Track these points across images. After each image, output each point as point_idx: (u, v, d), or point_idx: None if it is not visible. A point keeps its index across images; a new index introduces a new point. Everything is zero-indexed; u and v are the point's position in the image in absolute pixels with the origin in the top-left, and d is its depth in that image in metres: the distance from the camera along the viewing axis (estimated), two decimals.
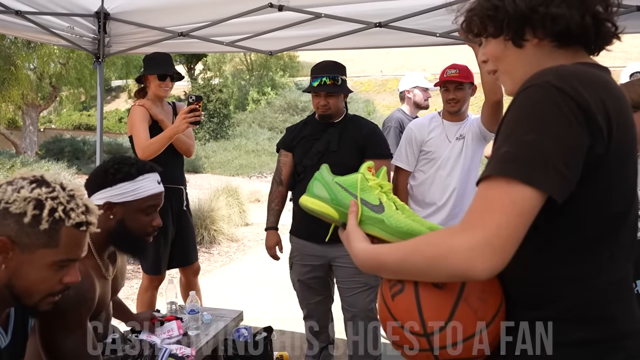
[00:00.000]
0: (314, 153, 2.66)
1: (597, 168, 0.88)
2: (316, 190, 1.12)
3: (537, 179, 0.83)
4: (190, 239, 3.19)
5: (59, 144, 16.38)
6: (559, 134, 0.84)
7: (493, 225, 0.82)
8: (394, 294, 0.97)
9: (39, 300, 1.20)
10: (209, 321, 2.55)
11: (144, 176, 1.71)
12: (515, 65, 1.00)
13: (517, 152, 0.85)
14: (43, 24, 3.10)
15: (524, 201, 0.83)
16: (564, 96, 0.85)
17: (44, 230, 1.14)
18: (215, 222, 6.63)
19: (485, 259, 0.81)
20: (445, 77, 2.66)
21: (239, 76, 26.21)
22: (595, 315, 0.92)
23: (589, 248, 0.92)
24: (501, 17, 0.97)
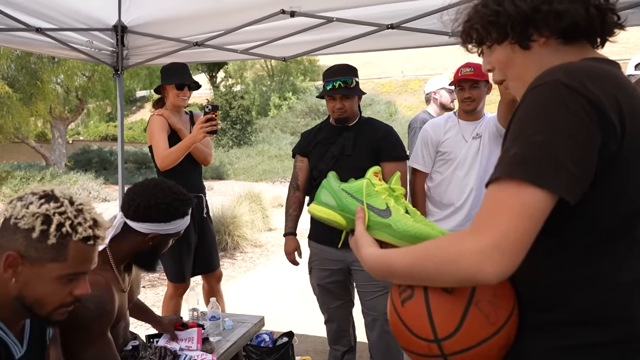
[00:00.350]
0: (329, 157, 2.66)
1: (611, 165, 0.86)
2: (323, 197, 1.13)
3: (547, 181, 0.81)
4: (211, 245, 3.23)
5: (86, 155, 16.80)
6: (568, 133, 0.82)
7: (502, 228, 0.80)
8: (404, 300, 0.96)
9: (51, 311, 1.23)
10: (231, 327, 2.57)
11: (183, 219, 1.81)
12: (524, 69, 0.99)
13: (526, 153, 0.83)
14: (63, 39, 3.18)
15: (534, 203, 0.81)
16: (573, 93, 0.83)
17: (52, 245, 1.17)
18: (238, 228, 6.69)
19: (494, 262, 0.80)
20: (460, 76, 2.63)
21: (260, 82, 26.41)
22: (613, 316, 0.89)
23: (603, 247, 0.89)
24: (504, 21, 0.95)
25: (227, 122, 20.28)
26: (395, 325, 0.99)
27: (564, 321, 0.90)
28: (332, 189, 1.12)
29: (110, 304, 1.61)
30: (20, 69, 12.75)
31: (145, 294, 4.89)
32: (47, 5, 2.96)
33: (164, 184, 1.81)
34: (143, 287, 5.04)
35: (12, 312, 1.22)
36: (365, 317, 2.74)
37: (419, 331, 0.93)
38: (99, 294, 1.56)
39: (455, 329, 0.90)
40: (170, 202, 1.76)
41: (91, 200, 1.28)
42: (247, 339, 2.61)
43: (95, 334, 1.55)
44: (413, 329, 0.94)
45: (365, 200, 1.07)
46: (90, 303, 1.52)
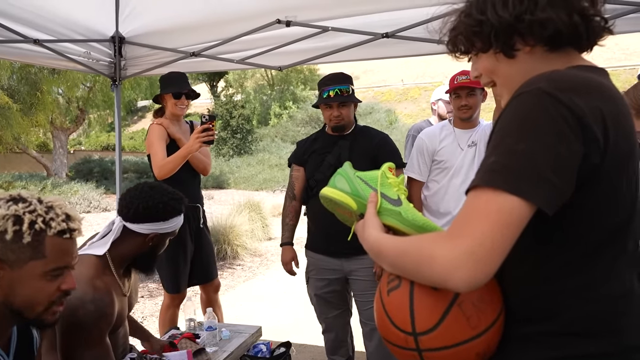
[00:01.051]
0: (325, 166, 2.66)
1: (593, 177, 0.85)
2: (338, 183, 1.17)
3: (525, 191, 0.79)
4: (209, 256, 3.22)
5: (87, 165, 16.83)
6: (549, 143, 0.80)
7: (477, 235, 0.79)
8: (390, 289, 0.97)
9: (43, 312, 1.22)
10: (228, 337, 2.56)
11: (179, 216, 1.87)
12: (510, 77, 0.98)
13: (505, 162, 0.82)
14: (61, 50, 3.20)
15: (511, 211, 0.79)
16: (556, 103, 0.82)
17: (27, 244, 1.17)
18: (238, 237, 6.67)
19: (466, 269, 0.78)
20: (457, 84, 2.63)
21: (261, 91, 26.51)
22: (600, 328, 0.88)
23: (589, 259, 0.88)
24: (487, 31, 0.95)
25: (228, 131, 20.33)
26: (378, 313, 1.00)
27: (552, 332, 0.89)
28: (348, 175, 1.16)
29: (110, 307, 1.62)
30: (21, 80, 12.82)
31: (144, 304, 4.87)
32: (45, 16, 2.98)
33: (158, 186, 1.88)
34: (142, 297, 5.02)
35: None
36: (363, 327, 2.73)
37: (398, 322, 0.94)
38: (99, 297, 1.57)
39: (434, 325, 0.90)
40: (167, 201, 1.82)
41: (62, 199, 1.28)
42: (244, 349, 2.60)
43: (94, 337, 1.56)
44: (394, 319, 0.95)
45: (379, 188, 1.10)
46: (90, 305, 1.53)
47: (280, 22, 2.89)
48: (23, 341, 1.32)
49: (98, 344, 1.57)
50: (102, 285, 1.64)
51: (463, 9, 1.00)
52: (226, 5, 2.90)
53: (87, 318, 1.53)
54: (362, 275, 2.61)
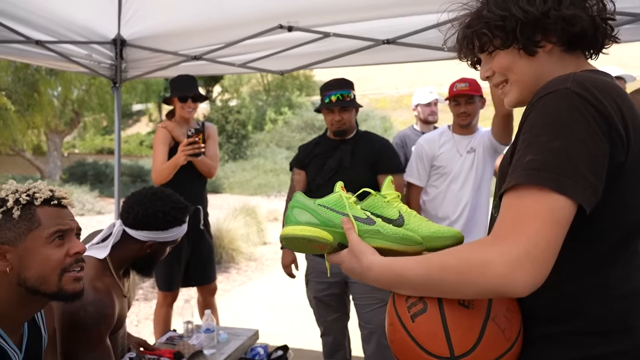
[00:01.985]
0: (327, 170, 2.68)
1: (617, 176, 0.86)
2: (298, 217, 1.02)
3: (569, 188, 0.79)
4: (208, 258, 3.23)
5: (82, 168, 16.73)
6: (585, 141, 0.81)
7: (532, 235, 0.77)
8: (415, 315, 0.90)
9: (58, 281, 1.24)
10: (225, 340, 2.56)
11: (186, 218, 1.84)
12: (526, 75, 0.97)
13: (544, 159, 0.81)
14: (62, 52, 3.21)
15: (560, 209, 0.79)
16: (585, 103, 0.83)
17: (19, 218, 1.22)
18: (233, 242, 6.67)
19: (525, 271, 0.76)
20: (456, 91, 2.66)
21: (256, 97, 26.53)
22: (615, 327, 0.89)
23: (608, 258, 0.89)
24: (511, 26, 0.93)
25: (223, 136, 20.31)
26: (402, 342, 0.92)
27: (573, 332, 0.89)
28: (308, 206, 1.03)
29: (110, 308, 1.62)
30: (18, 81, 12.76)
31: (139, 306, 4.85)
32: (47, 18, 2.99)
33: (161, 192, 1.84)
34: (137, 300, 5.00)
35: (17, 310, 1.23)
36: (362, 330, 2.74)
37: (433, 348, 0.88)
38: (99, 298, 1.58)
39: (473, 345, 0.86)
40: (169, 210, 1.78)
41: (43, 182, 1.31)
42: (242, 352, 2.60)
43: (94, 339, 1.56)
44: (426, 346, 0.88)
45: (349, 211, 1.01)
46: (90, 306, 1.53)
47: (282, 27, 2.91)
48: (33, 339, 1.32)
49: (98, 345, 1.57)
50: (103, 287, 1.64)
51: (481, 6, 0.98)
52: (228, 9, 2.92)
53: (87, 320, 1.53)
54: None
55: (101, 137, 25.41)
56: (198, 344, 2.45)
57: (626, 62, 21.62)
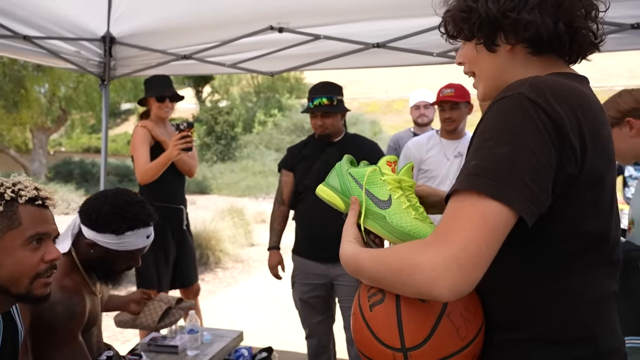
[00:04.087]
0: (314, 172, 2.69)
1: (571, 186, 0.84)
2: (331, 180, 1.09)
3: (506, 195, 0.78)
4: (190, 259, 3.21)
5: (67, 166, 16.55)
6: (532, 149, 0.79)
7: (461, 240, 0.76)
8: (373, 304, 0.92)
9: (29, 285, 1.22)
10: (209, 341, 2.54)
11: (133, 232, 1.64)
12: (487, 70, 0.97)
13: (487, 165, 0.80)
14: (50, 48, 3.17)
15: (494, 216, 0.77)
16: (537, 109, 0.81)
17: (1, 214, 1.18)
18: (220, 243, 6.64)
19: (450, 276, 0.75)
20: (441, 97, 2.68)
21: (246, 98, 26.47)
22: (576, 335, 0.89)
23: (565, 268, 0.88)
24: (474, 20, 0.93)
25: (212, 137, 20.23)
26: (359, 330, 0.94)
27: (533, 339, 0.89)
28: (341, 172, 1.08)
29: (79, 306, 1.59)
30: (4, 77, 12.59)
31: None
32: (36, 13, 2.96)
33: (126, 194, 1.71)
34: None
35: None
36: (347, 333, 2.74)
37: (385, 338, 0.89)
38: (67, 297, 1.55)
39: (424, 339, 0.87)
40: (108, 209, 1.63)
41: (28, 179, 1.28)
42: (226, 353, 2.58)
43: (65, 338, 1.53)
44: (379, 336, 0.90)
45: (366, 186, 1.01)
46: (58, 306, 1.50)
47: (273, 29, 2.92)
48: (9, 332, 1.30)
49: (70, 343, 1.54)
50: (71, 285, 1.60)
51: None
52: (219, 9, 2.91)
53: (56, 320, 1.50)
54: (347, 280, 2.63)
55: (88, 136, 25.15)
56: (181, 345, 2.43)
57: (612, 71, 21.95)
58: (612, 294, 0.94)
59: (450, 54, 2.77)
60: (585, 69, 1.00)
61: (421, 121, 3.56)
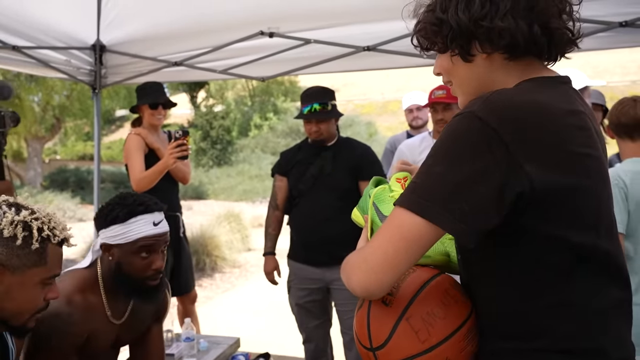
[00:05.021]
0: (308, 177, 2.68)
1: (532, 202, 0.83)
2: (360, 202, 1.18)
3: (433, 214, 0.82)
4: (187, 267, 3.19)
5: (63, 174, 16.50)
6: (466, 169, 0.81)
7: (373, 245, 0.86)
8: (357, 307, 1.00)
9: (27, 320, 1.24)
10: (205, 349, 2.53)
11: (135, 218, 1.61)
12: (466, 80, 0.96)
13: (421, 183, 0.85)
14: (40, 58, 3.16)
15: (410, 227, 0.83)
16: (484, 128, 0.81)
17: (35, 250, 1.19)
18: (217, 248, 6.62)
19: (358, 274, 0.86)
20: (433, 99, 2.68)
21: (242, 102, 26.47)
22: (582, 346, 0.87)
23: (561, 279, 0.87)
24: (446, 32, 0.91)
25: (208, 142, 20.21)
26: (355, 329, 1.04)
27: (541, 349, 0.88)
28: (365, 192, 1.16)
29: (74, 326, 1.53)
30: None
31: None
32: (25, 23, 2.95)
33: (131, 193, 1.74)
34: None
35: None
36: (344, 337, 2.73)
37: (361, 338, 0.97)
38: (67, 312, 1.51)
39: (385, 339, 0.92)
40: (107, 205, 1.64)
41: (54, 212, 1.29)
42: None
43: (56, 354, 1.50)
44: (358, 336, 0.98)
45: (375, 203, 1.09)
46: (57, 320, 1.47)
47: (263, 34, 2.91)
48: None
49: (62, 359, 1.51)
50: (79, 302, 1.56)
51: (428, 3, 0.95)
52: (209, 15, 2.91)
53: (49, 331, 1.47)
54: (343, 284, 2.61)
55: (83, 143, 25.08)
56: (178, 353, 2.41)
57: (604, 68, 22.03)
58: (620, 302, 0.92)
59: None
60: (579, 66, 0.99)
61: (415, 124, 3.56)
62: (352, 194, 2.64)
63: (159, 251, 1.66)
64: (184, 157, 2.76)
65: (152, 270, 1.64)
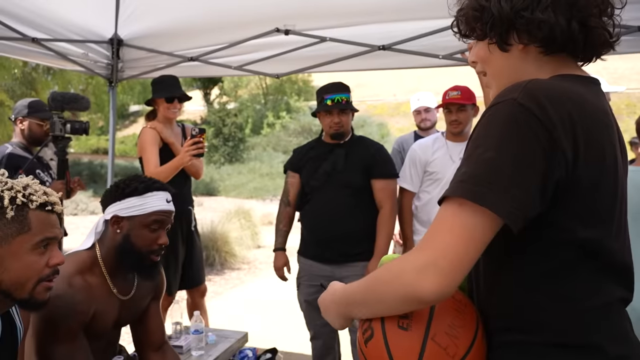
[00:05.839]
0: (321, 174, 2.69)
1: (562, 193, 0.83)
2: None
3: (490, 201, 0.79)
4: (198, 260, 3.21)
5: (76, 168, 16.71)
6: (517, 155, 0.80)
7: (441, 247, 0.80)
8: (366, 340, 0.93)
9: (32, 289, 1.23)
10: (213, 342, 2.55)
11: (152, 193, 1.73)
12: (500, 70, 0.97)
13: (472, 172, 0.82)
14: (59, 50, 3.21)
15: (475, 225, 0.80)
16: (529, 115, 0.81)
17: (12, 219, 1.20)
18: (227, 245, 6.66)
19: (430, 280, 0.79)
20: (448, 99, 2.67)
21: (255, 100, 26.56)
22: (580, 341, 0.88)
23: (565, 274, 0.87)
24: (486, 19, 0.93)
25: (220, 139, 20.31)
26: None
27: (537, 343, 0.88)
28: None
29: (81, 305, 1.58)
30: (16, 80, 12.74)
31: None
32: (45, 16, 3.00)
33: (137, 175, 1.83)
34: None
35: None
36: (352, 335, 2.74)
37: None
38: (71, 293, 1.56)
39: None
40: (123, 180, 1.75)
41: (35, 181, 1.29)
42: (230, 354, 2.59)
43: (64, 333, 1.54)
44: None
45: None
46: (59, 301, 1.51)
47: (279, 31, 2.93)
48: (7, 331, 1.31)
49: (69, 341, 1.55)
50: (80, 283, 1.61)
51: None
52: (226, 11, 2.93)
53: (55, 313, 1.51)
54: (353, 282, 2.63)
55: (97, 137, 25.33)
56: (186, 345, 2.43)
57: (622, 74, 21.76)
58: (619, 301, 0.92)
59: (456, 57, 2.77)
60: (596, 72, 0.98)
61: (424, 125, 3.56)
62: (364, 191, 2.65)
63: (165, 228, 1.76)
64: (199, 155, 2.77)
65: (157, 244, 1.72)
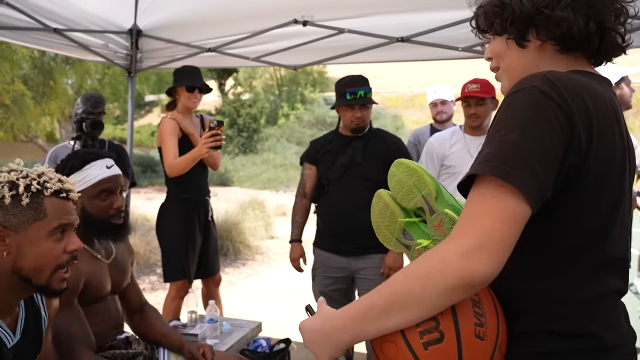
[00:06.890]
0: (338, 166, 2.69)
1: (571, 179, 0.86)
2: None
3: (514, 178, 0.81)
4: (213, 250, 3.25)
5: None
6: (540, 138, 0.83)
7: (486, 229, 0.81)
8: (429, 343, 0.86)
9: (50, 276, 1.25)
10: (228, 331, 2.58)
11: (90, 164, 1.78)
12: (514, 65, 1.00)
13: (497, 151, 0.84)
14: (79, 40, 3.24)
15: (514, 207, 0.82)
16: (549, 101, 0.85)
17: (27, 206, 1.22)
18: (240, 235, 6.70)
19: (480, 262, 0.80)
20: (467, 92, 2.65)
21: (269, 91, 26.56)
22: (575, 330, 0.90)
23: (567, 262, 0.90)
24: (507, 15, 0.96)
25: (234, 129, 20.38)
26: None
27: (532, 330, 0.91)
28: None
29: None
30: (34, 68, 12.88)
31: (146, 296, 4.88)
32: (67, 7, 3.02)
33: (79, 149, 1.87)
34: (143, 289, 5.03)
35: (7, 294, 1.24)
36: None
37: None
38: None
39: None
40: (62, 161, 1.79)
41: (50, 168, 1.31)
42: (244, 343, 2.62)
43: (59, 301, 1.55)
44: None
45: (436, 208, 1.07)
46: None
47: (297, 22, 2.92)
48: (31, 320, 1.34)
49: (63, 308, 1.58)
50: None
51: None
52: (244, 2, 2.93)
53: None
54: (368, 274, 2.64)
55: (113, 127, 25.57)
56: (201, 333, 2.47)
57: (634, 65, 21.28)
58: (615, 291, 0.95)
59: (476, 49, 2.74)
60: None
61: (440, 118, 3.53)
62: (382, 184, 2.61)
63: (117, 193, 1.82)
64: (217, 147, 2.78)
65: (113, 209, 1.80)
